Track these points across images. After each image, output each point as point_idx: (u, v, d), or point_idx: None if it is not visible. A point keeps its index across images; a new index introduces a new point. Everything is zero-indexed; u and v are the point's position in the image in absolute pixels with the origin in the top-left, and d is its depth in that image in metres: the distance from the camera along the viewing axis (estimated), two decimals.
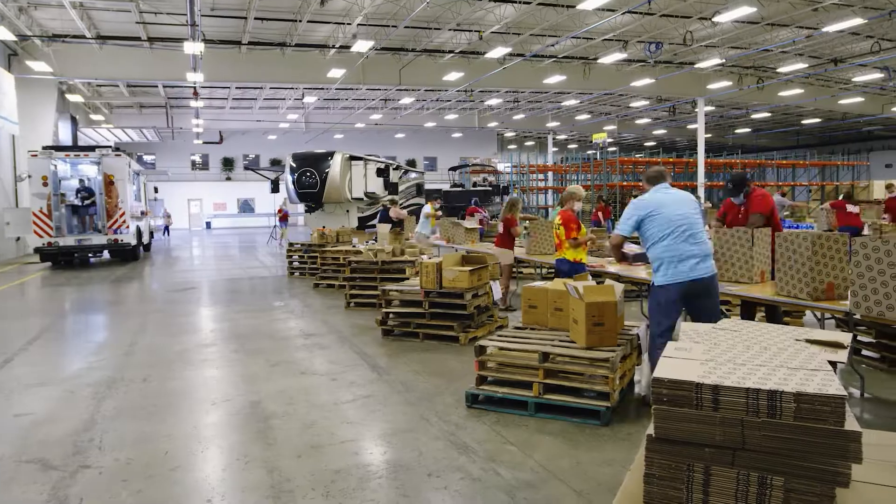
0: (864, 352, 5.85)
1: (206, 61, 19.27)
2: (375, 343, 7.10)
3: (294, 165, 20.09)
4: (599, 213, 15.27)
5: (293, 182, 19.96)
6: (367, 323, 8.13)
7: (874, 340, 5.69)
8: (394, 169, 25.18)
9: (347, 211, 21.01)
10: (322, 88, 26.90)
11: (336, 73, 21.19)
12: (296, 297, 10.72)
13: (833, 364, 2.88)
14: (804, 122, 35.19)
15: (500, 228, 9.28)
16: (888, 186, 12.97)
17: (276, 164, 33.63)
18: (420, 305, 7.18)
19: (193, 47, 16.31)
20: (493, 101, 32.30)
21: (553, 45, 20.78)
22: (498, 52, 20.04)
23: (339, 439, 4.23)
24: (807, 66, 22.41)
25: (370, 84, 24.02)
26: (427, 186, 32.61)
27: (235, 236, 30.57)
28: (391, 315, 7.48)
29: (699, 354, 2.74)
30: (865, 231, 11.51)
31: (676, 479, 2.52)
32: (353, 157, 21.07)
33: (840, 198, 12.89)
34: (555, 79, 23.38)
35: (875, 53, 19.24)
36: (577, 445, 4.05)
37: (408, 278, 9.13)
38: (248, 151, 42.26)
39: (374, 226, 19.39)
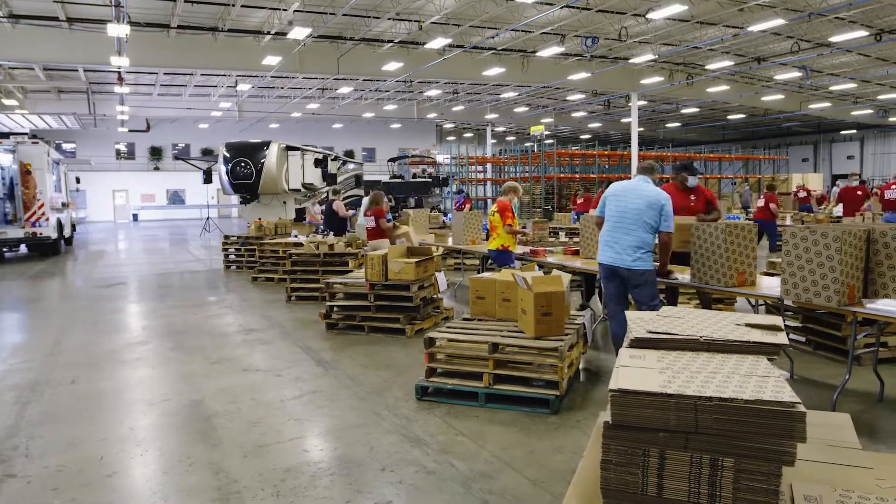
0: (792, 336, 6.17)
1: (131, 45, 18.29)
2: (319, 337, 6.96)
3: (228, 155, 19.40)
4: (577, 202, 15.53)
5: (227, 173, 19.28)
6: (310, 317, 7.96)
7: (801, 325, 6.01)
8: (332, 159, 24.74)
9: (284, 202, 20.50)
10: (256, 76, 26.09)
11: (271, 60, 20.57)
12: (233, 292, 10.38)
13: (778, 347, 3.01)
14: (729, 117, 36.85)
15: (372, 223, 9.12)
16: (851, 176, 13.53)
17: (207, 153, 32.41)
18: (365, 298, 7.08)
19: (118, 29, 15.43)
20: (433, 92, 32.22)
21: (492, 38, 20.88)
22: (438, 42, 19.96)
23: (287, 437, 4.11)
24: (733, 63, 23.41)
25: (307, 73, 23.46)
26: (366, 178, 32.30)
27: (165, 229, 29.32)
28: (335, 308, 7.35)
29: (654, 363, 2.80)
30: (789, 222, 12.14)
31: (632, 464, 2.56)
32: (289, 147, 20.55)
33: (765, 191, 13.54)
34: (494, 71, 23.52)
35: (794, 53, 20.32)
36: (528, 434, 4.09)
37: (351, 271, 9.00)
38: (177, 140, 40.55)
39: (303, 218, 19.03)
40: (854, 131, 39.19)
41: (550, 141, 39.68)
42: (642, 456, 2.54)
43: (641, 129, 32.88)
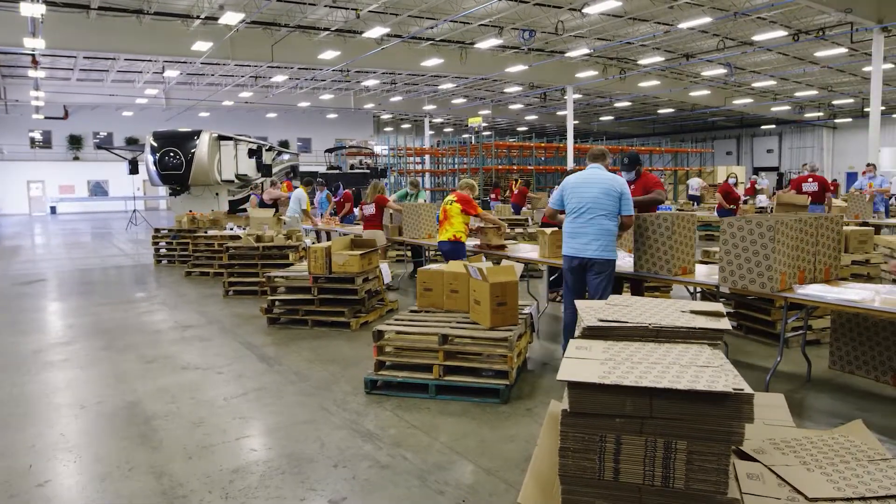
0: None
1: (47, 25, 17.15)
2: (261, 332, 6.76)
3: (155, 145, 18.53)
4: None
5: (155, 163, 18.42)
6: (250, 312, 7.73)
7: (733, 310, 6.30)
8: (266, 150, 24.07)
9: (217, 194, 19.81)
10: (185, 62, 25.04)
11: (202, 46, 19.78)
12: (166, 287, 9.95)
13: (722, 332, 3.12)
14: (660, 111, 38.18)
15: (372, 210, 9.13)
16: (804, 167, 14.11)
17: (132, 143, 30.81)
18: (309, 291, 6.92)
19: (32, 9, 14.45)
20: (371, 82, 31.83)
21: (431, 28, 20.79)
22: (376, 31, 19.70)
23: (234, 436, 3.97)
24: (663, 59, 24.25)
25: (240, 60, 22.70)
26: (302, 168, 31.64)
27: (87, 222, 27.78)
28: (277, 302, 7.16)
29: (599, 353, 2.85)
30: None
31: (589, 450, 2.61)
32: (222, 137, 19.85)
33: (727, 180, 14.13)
34: (432, 62, 23.45)
35: (720, 51, 21.24)
36: (480, 424, 4.10)
37: (292, 264, 8.80)
38: (99, 129, 38.39)
39: (244, 210, 18.46)
40: (773, 126, 41.42)
41: (488, 133, 40.04)
42: (599, 442, 2.59)
43: (576, 121, 33.61)
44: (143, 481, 3.38)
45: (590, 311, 3.51)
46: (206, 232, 11.56)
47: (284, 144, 37.14)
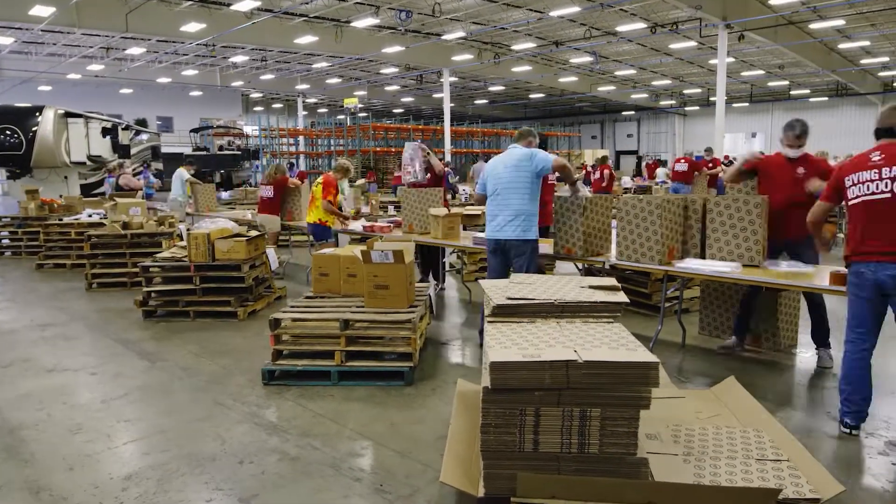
0: None
1: None
2: (136, 327, 6.24)
3: None
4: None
5: None
6: (120, 305, 7.11)
7: None
8: (123, 129, 22.10)
9: (66, 177, 17.91)
10: (21, 28, 22.22)
11: (42, 11, 17.61)
12: (14, 283, 8.88)
13: (620, 305, 3.31)
14: (531, 96, 39.56)
15: (270, 193, 8.78)
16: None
17: None
18: (190, 281, 6.48)
19: None
20: (239, 59, 30.07)
21: (305, 4, 19.99)
22: (245, 5, 18.61)
23: (120, 441, 3.64)
24: (535, 45, 25.08)
25: (87, 28, 20.48)
26: (164, 150, 29.41)
27: None
28: (153, 294, 6.63)
29: (516, 336, 2.93)
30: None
31: (510, 424, 2.68)
32: (69, 114, 17.92)
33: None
34: (306, 39, 22.59)
35: (587, 39, 22.37)
36: (387, 408, 4.07)
37: (165, 252, 8.17)
38: None
39: (100, 194, 16.84)
40: (633, 112, 44.50)
41: (364, 114, 39.45)
42: (520, 416, 2.67)
43: (452, 104, 34.00)
44: (17, 499, 3.00)
45: (496, 289, 3.59)
46: (60, 219, 10.42)
47: (142, 123, 34.18)
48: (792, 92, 36.57)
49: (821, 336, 4.80)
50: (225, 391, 4.41)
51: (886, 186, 3.39)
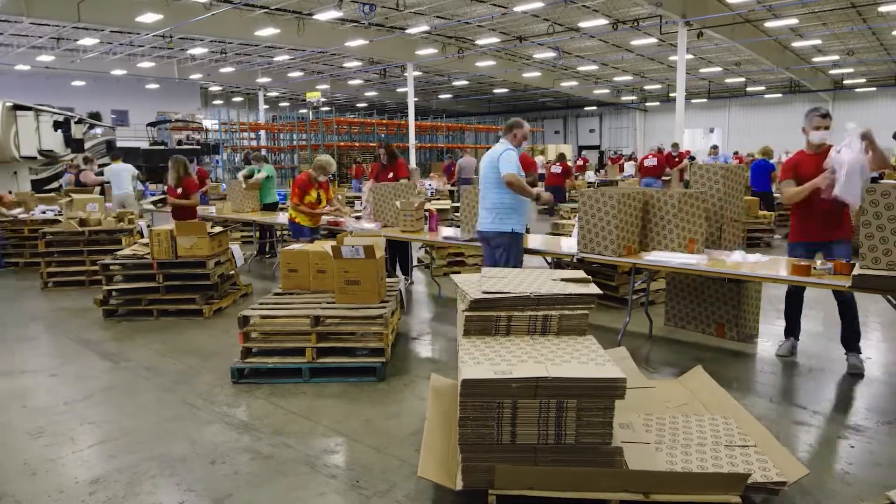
0: None
1: None
2: (97, 327, 6.06)
3: None
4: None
5: None
6: (79, 305, 6.90)
7: None
8: (76, 122, 21.34)
9: (15, 172, 17.19)
10: None
11: None
12: None
13: (593, 296, 3.35)
14: (495, 91, 39.71)
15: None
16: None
17: None
18: (153, 279, 6.32)
19: None
20: (198, 51, 29.34)
21: None
22: None
23: (85, 444, 3.53)
24: (499, 40, 25.15)
25: (37, 17, 19.74)
26: (120, 144, 28.53)
27: None
28: (114, 292, 6.45)
29: (490, 352, 2.95)
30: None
31: (488, 417, 2.69)
32: (18, 107, 17.20)
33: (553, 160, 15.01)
34: (267, 31, 22.18)
35: (550, 35, 22.53)
36: (360, 404, 4.05)
37: (124, 249, 7.94)
38: None
39: (53, 190, 16.23)
40: (595, 108, 45.10)
41: (327, 108, 39.03)
42: (497, 409, 2.68)
43: (416, 99, 33.87)
44: None
45: (469, 284, 3.60)
46: (13, 217, 10.01)
47: (95, 117, 33.08)
48: (748, 89, 37.58)
49: (850, 339, 4.49)
50: (193, 391, 4.32)
51: None
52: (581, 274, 3.69)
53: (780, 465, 2.85)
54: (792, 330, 4.91)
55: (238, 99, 45.57)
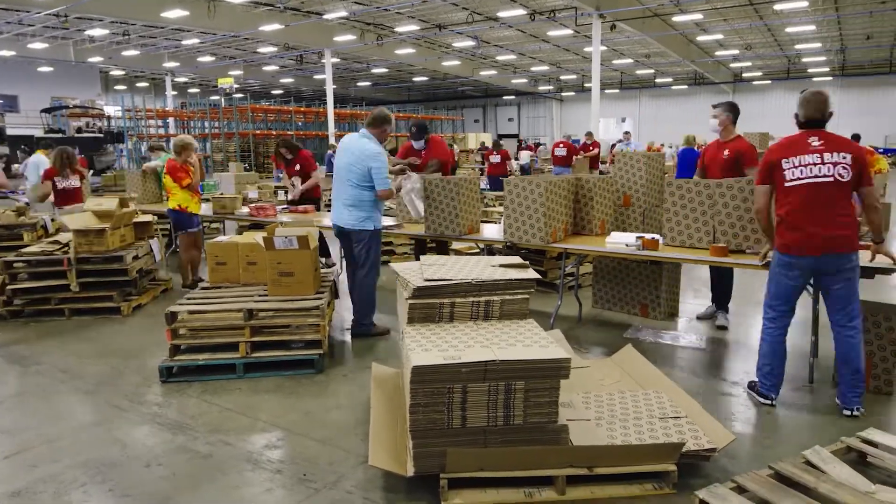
0: None
1: None
2: (1, 330, 5.61)
3: None
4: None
5: None
6: None
7: None
8: None
9: None
10: None
11: None
12: None
13: (532, 280, 3.43)
14: (415, 79, 39.56)
15: (77, 183, 7.62)
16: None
17: None
18: (63, 276, 5.90)
19: None
20: (97, 32, 27.42)
21: None
22: None
23: (0, 455, 3.27)
24: (418, 28, 25.04)
25: None
26: (10, 132, 26.34)
27: None
28: (19, 292, 5.97)
29: (437, 339, 2.96)
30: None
31: (439, 402, 2.72)
32: None
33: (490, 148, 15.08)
34: (174, 13, 21.05)
35: (469, 24, 22.68)
36: (300, 397, 3.97)
37: (28, 245, 7.36)
38: None
39: None
40: (513, 97, 45.88)
41: (240, 95, 37.59)
42: (447, 394, 2.71)
43: (335, 86, 33.21)
44: None
45: (410, 272, 3.59)
46: None
47: None
48: (657, 80, 39.39)
49: (723, 300, 5.41)
50: (118, 392, 4.09)
51: (829, 171, 3.41)
52: (518, 259, 3.77)
53: (710, 433, 3.05)
54: (717, 299, 5.53)
55: (143, 84, 43.11)
